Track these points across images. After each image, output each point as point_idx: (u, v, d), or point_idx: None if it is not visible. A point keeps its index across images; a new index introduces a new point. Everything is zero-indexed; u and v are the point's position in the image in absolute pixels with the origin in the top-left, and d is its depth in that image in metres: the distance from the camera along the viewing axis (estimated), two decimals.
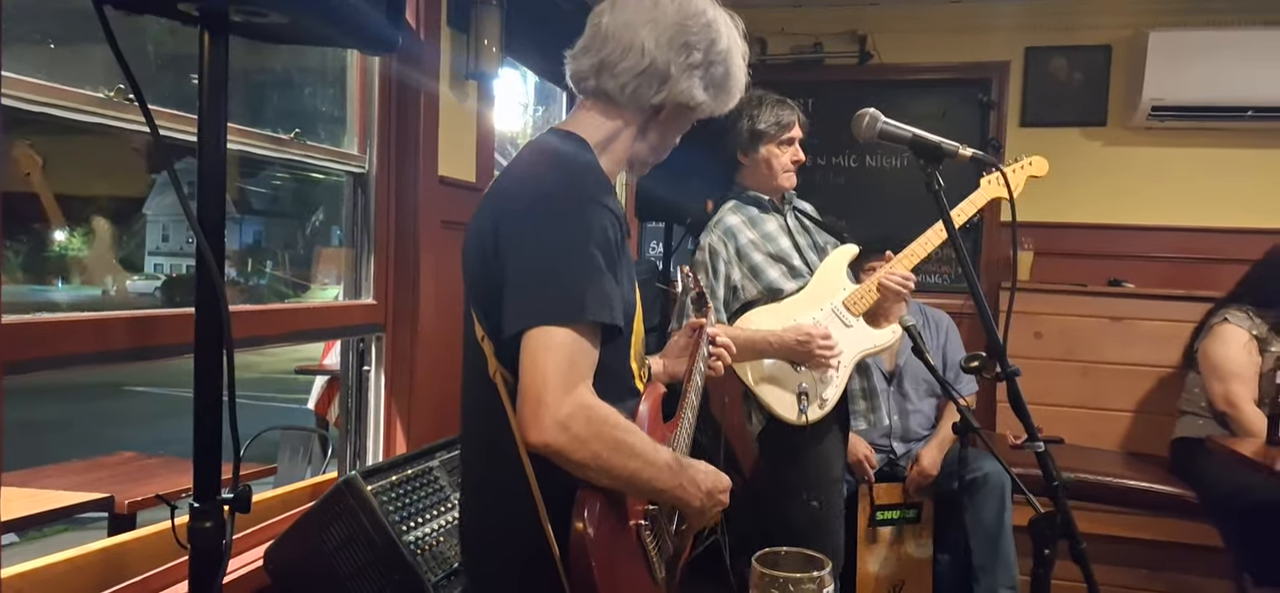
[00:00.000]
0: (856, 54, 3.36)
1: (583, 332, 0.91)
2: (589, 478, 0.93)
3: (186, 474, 2.62)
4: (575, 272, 0.92)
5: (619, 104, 1.06)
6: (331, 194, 2.12)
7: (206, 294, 0.94)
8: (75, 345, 1.17)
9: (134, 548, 1.45)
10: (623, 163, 1.10)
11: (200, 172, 0.94)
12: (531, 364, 0.89)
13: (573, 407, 0.88)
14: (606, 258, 0.94)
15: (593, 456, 0.90)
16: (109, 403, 7.56)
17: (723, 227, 1.98)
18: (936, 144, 1.17)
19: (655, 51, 1.02)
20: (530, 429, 0.88)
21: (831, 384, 1.92)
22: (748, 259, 1.96)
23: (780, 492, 1.96)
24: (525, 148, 1.10)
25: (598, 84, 1.06)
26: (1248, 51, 2.88)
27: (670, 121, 1.09)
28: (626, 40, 1.03)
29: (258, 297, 14.56)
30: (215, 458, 0.97)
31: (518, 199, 0.99)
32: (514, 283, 0.94)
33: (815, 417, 1.89)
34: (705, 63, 1.04)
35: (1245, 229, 3.01)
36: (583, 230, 0.94)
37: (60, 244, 15.23)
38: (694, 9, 1.04)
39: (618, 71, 1.04)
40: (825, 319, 1.94)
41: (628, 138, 1.08)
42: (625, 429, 0.95)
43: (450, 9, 1.97)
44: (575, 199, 0.96)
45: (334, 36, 1.06)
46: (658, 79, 1.03)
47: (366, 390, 1.89)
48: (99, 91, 1.21)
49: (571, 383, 0.89)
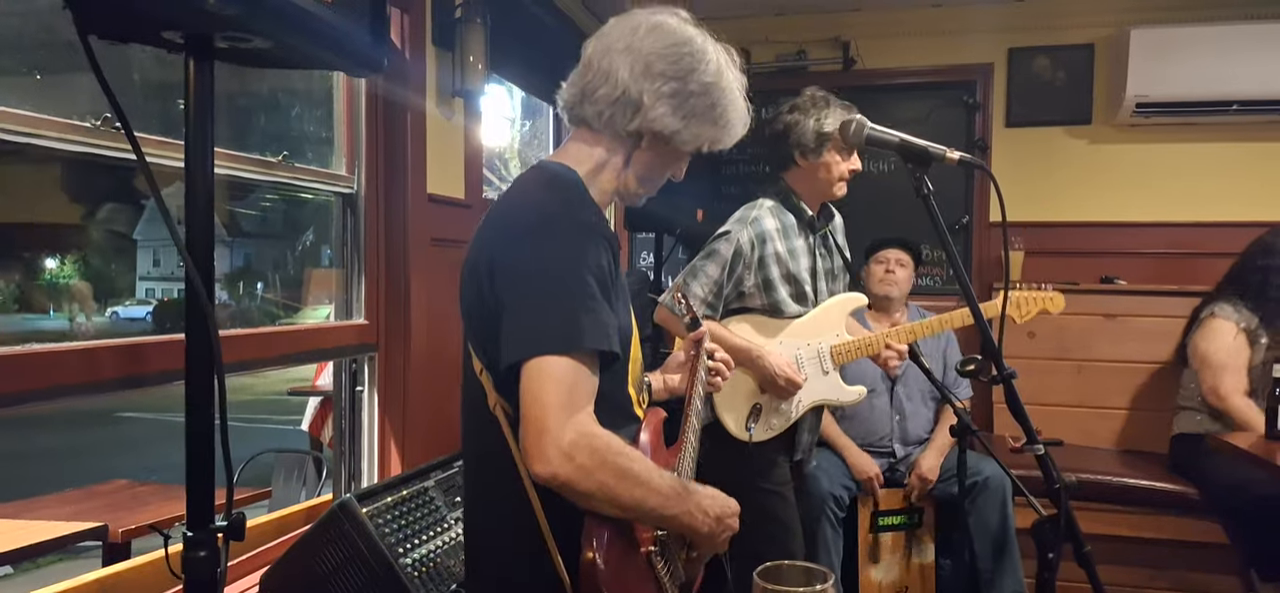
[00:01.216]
0: (840, 60, 3.38)
1: (581, 360, 0.90)
2: (595, 508, 0.92)
3: (180, 501, 2.59)
4: (571, 300, 0.91)
5: (600, 133, 1.05)
6: (321, 215, 2.12)
7: (196, 320, 0.93)
8: (65, 376, 1.16)
9: (128, 578, 1.43)
10: (611, 194, 1.09)
11: (187, 198, 0.94)
12: (532, 395, 0.88)
13: (575, 435, 0.87)
14: (600, 285, 0.94)
15: (599, 485, 0.89)
16: (101, 430, 7.49)
17: (758, 228, 1.92)
18: (924, 148, 1.17)
19: (628, 80, 1.02)
20: (535, 461, 0.87)
21: (782, 416, 1.94)
22: (766, 270, 1.93)
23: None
24: (517, 179, 1.09)
25: (580, 112, 1.06)
26: (1230, 46, 2.91)
27: (654, 153, 1.07)
28: (605, 68, 1.03)
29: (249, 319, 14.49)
30: (208, 486, 0.96)
31: (510, 230, 0.99)
32: (510, 313, 0.93)
33: (758, 438, 1.90)
34: (682, 93, 1.02)
35: (1233, 222, 3.03)
36: (576, 258, 0.93)
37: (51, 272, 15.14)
38: (676, 39, 1.03)
39: (595, 98, 1.04)
40: (809, 356, 1.96)
41: (614, 168, 1.07)
42: (630, 457, 0.94)
43: (435, 27, 1.97)
44: (567, 227, 0.96)
45: (319, 59, 1.06)
46: (631, 107, 1.02)
47: (360, 411, 1.88)
48: (86, 121, 1.20)
49: (572, 411, 0.88)
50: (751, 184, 3.45)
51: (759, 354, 1.89)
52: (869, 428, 2.58)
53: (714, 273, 1.91)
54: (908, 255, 2.67)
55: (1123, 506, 2.58)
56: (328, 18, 0.93)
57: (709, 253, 1.94)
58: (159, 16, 0.87)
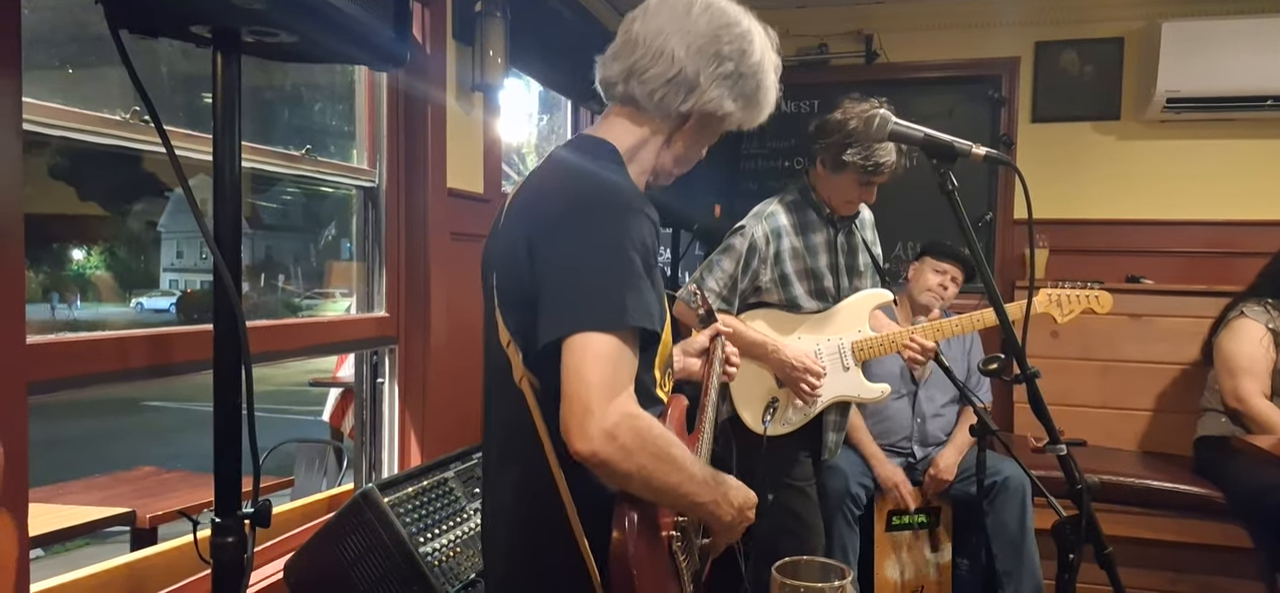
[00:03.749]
0: (863, 54, 3.34)
1: (624, 338, 0.89)
2: (631, 489, 0.92)
3: (205, 488, 2.65)
4: (616, 277, 0.90)
5: (646, 111, 1.05)
6: (342, 208, 2.14)
7: (224, 312, 0.95)
8: (97, 365, 1.19)
9: (156, 563, 1.47)
10: (649, 171, 1.09)
11: (216, 190, 0.95)
12: (575, 372, 0.86)
13: (619, 416, 0.86)
14: (645, 263, 0.93)
15: (638, 467, 0.88)
16: (127, 418, 7.65)
17: (773, 224, 1.93)
18: (949, 144, 1.16)
19: (685, 59, 1.01)
20: (577, 439, 0.86)
21: (800, 411, 1.93)
22: (782, 266, 1.93)
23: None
24: (552, 155, 1.08)
25: (626, 90, 1.05)
26: (1265, 40, 2.84)
27: (697, 132, 1.08)
28: (657, 47, 1.02)
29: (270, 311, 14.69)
30: (236, 474, 0.97)
31: (552, 204, 0.97)
32: (552, 289, 0.92)
33: (775, 432, 1.89)
34: (736, 74, 1.03)
35: (1266, 221, 2.96)
36: (621, 234, 0.92)
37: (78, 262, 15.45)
38: (728, 19, 1.03)
39: (646, 78, 1.03)
40: (830, 352, 1.95)
41: (655, 146, 1.07)
42: (669, 441, 0.93)
43: (455, 22, 1.98)
44: (614, 205, 0.95)
45: (343, 53, 1.07)
46: (686, 87, 1.03)
47: (381, 402, 1.90)
48: (116, 114, 1.23)
49: (615, 391, 0.87)
50: (769, 180, 3.43)
51: (775, 347, 1.88)
52: (889, 429, 2.56)
53: (728, 267, 1.92)
54: (962, 274, 2.57)
55: (1145, 508, 2.54)
56: (352, 13, 0.94)
57: (725, 248, 1.95)
58: (187, 11, 0.89)
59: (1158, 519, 2.52)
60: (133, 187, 15.68)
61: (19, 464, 0.99)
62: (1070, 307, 1.98)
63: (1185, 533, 2.50)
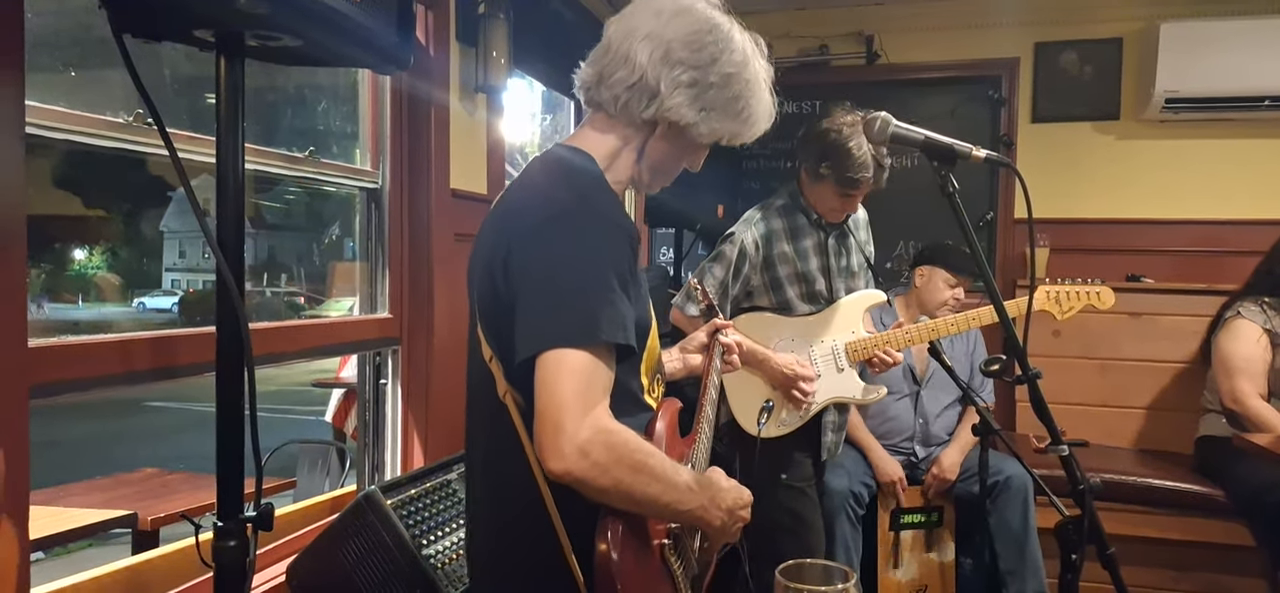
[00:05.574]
0: (863, 55, 3.34)
1: (598, 353, 0.88)
2: (610, 503, 0.91)
3: (207, 490, 2.65)
4: (588, 292, 0.89)
5: (615, 118, 1.02)
6: (345, 209, 2.14)
7: (227, 314, 0.95)
8: (100, 367, 1.19)
9: (158, 566, 1.47)
10: (626, 181, 1.06)
11: (219, 194, 0.95)
12: (547, 389, 0.86)
13: (591, 432, 0.85)
14: (619, 277, 0.91)
15: (614, 482, 0.87)
16: (129, 419, 7.65)
17: (762, 229, 1.95)
18: (949, 146, 1.16)
19: (646, 65, 0.98)
20: (550, 457, 0.85)
21: (796, 413, 1.94)
22: (773, 270, 1.95)
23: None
24: (532, 163, 1.06)
25: (597, 95, 1.03)
26: (1263, 41, 2.84)
27: (669, 143, 1.03)
28: (624, 51, 0.99)
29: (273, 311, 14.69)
30: (238, 477, 0.97)
31: (527, 218, 0.95)
32: (526, 305, 0.91)
33: (770, 433, 1.89)
34: (700, 82, 0.98)
35: (1264, 221, 2.96)
36: (594, 249, 0.91)
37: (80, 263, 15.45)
38: (701, 24, 0.99)
39: (612, 82, 1.00)
40: (824, 354, 1.96)
41: (628, 156, 1.04)
42: (646, 452, 0.92)
43: (459, 23, 1.98)
44: (585, 217, 0.94)
45: (347, 56, 1.07)
46: (647, 94, 0.99)
47: (383, 404, 1.90)
48: (119, 117, 1.23)
49: (588, 407, 0.86)
50: (773, 180, 3.43)
51: (765, 355, 1.89)
52: (892, 429, 2.56)
53: (719, 274, 1.94)
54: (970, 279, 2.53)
55: (1147, 507, 2.54)
56: (356, 16, 0.94)
57: (715, 256, 1.97)
58: (191, 15, 0.89)
59: (1159, 518, 2.52)
60: (135, 189, 15.70)
61: (20, 468, 0.99)
62: (1070, 304, 1.98)
63: (1187, 531, 2.50)
